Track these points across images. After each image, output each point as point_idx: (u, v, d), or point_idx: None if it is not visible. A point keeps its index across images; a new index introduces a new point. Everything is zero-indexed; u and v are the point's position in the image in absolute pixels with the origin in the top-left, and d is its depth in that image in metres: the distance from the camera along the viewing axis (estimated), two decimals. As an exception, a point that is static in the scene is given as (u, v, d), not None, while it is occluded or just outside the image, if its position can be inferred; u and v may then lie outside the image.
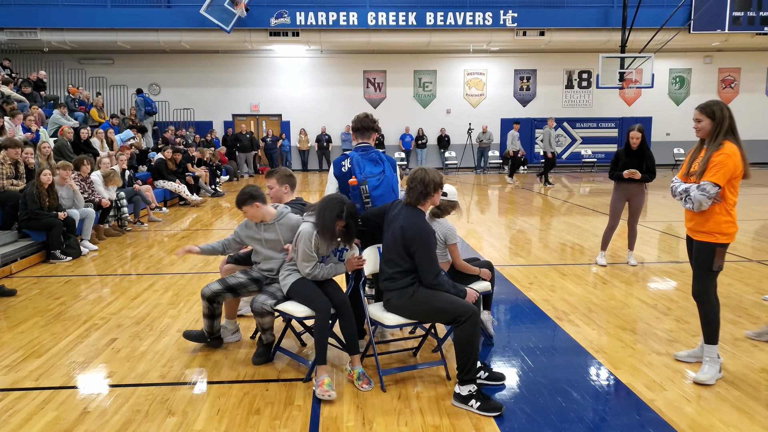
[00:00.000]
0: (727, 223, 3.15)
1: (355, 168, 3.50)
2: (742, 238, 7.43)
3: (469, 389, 2.94)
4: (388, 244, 3.19)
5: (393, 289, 3.14)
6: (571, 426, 2.78)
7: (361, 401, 3.04)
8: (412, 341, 3.85)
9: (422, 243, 3.06)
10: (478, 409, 2.90)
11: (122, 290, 5.26)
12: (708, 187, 3.07)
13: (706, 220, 3.17)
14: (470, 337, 2.94)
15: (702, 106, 3.20)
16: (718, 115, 3.14)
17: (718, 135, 3.14)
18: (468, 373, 2.94)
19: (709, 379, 3.21)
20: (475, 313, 2.98)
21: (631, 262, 6.04)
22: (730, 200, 3.16)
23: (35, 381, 3.32)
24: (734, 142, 3.12)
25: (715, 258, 3.16)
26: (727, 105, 3.19)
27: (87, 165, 7.73)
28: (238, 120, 19.41)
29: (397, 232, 3.10)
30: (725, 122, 3.12)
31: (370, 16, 16.64)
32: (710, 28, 17.26)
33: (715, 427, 2.77)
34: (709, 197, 3.08)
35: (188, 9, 15.97)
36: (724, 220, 3.14)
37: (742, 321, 4.27)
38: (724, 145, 3.10)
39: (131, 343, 3.91)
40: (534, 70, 19.99)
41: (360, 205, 3.52)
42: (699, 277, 3.25)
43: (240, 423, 2.82)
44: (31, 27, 15.99)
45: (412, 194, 3.12)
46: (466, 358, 2.94)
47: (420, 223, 3.11)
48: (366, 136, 3.67)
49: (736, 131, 3.15)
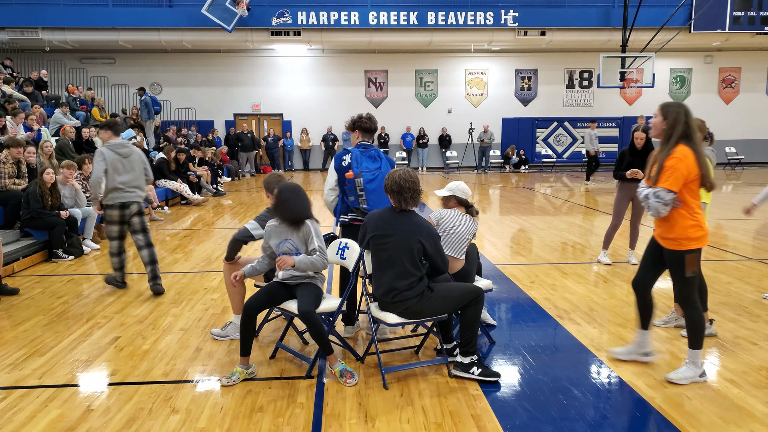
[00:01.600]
0: (694, 228, 3.05)
1: (353, 163, 3.70)
2: (743, 237, 7.44)
3: (471, 358, 3.24)
4: (395, 256, 3.13)
5: (411, 297, 3.13)
6: (572, 423, 2.79)
7: (363, 399, 3.06)
8: (414, 339, 3.87)
9: (435, 238, 3.23)
10: (479, 375, 3.20)
11: (124, 289, 5.28)
12: (662, 193, 2.98)
13: (671, 226, 3.09)
14: (477, 315, 3.24)
15: (663, 104, 3.15)
16: (672, 117, 3.04)
17: (670, 138, 3.05)
18: (472, 345, 3.24)
19: (680, 379, 3.19)
20: (483, 293, 3.28)
21: (632, 261, 6.05)
22: (692, 203, 3.06)
23: (39, 379, 3.34)
24: (689, 147, 3.01)
25: (686, 265, 3.07)
26: (687, 109, 3.09)
27: (89, 164, 7.74)
28: (239, 119, 19.44)
29: (413, 242, 3.11)
30: (678, 126, 3.02)
31: (371, 15, 16.65)
32: (711, 28, 17.26)
33: (715, 424, 2.78)
34: (665, 204, 2.99)
35: (190, 8, 15.99)
36: (689, 225, 3.05)
37: (742, 319, 4.28)
38: (676, 149, 3.00)
39: (134, 341, 3.93)
40: (535, 70, 19.99)
41: (354, 198, 3.71)
42: (677, 286, 3.21)
43: (243, 421, 2.84)
44: (32, 26, 16.02)
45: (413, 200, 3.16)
46: (472, 333, 3.24)
47: (426, 223, 3.25)
48: (370, 136, 3.89)
49: (692, 137, 3.03)
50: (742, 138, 20.20)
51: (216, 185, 13.20)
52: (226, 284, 4.04)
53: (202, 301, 4.85)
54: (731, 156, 19.68)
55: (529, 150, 19.97)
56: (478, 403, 3.00)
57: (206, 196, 12.39)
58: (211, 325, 4.25)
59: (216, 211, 10.62)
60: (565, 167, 20.14)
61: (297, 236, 3.38)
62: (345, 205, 3.82)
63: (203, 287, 5.30)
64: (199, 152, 13.36)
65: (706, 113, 20.21)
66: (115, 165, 4.99)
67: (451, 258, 3.62)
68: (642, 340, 3.46)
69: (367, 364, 3.49)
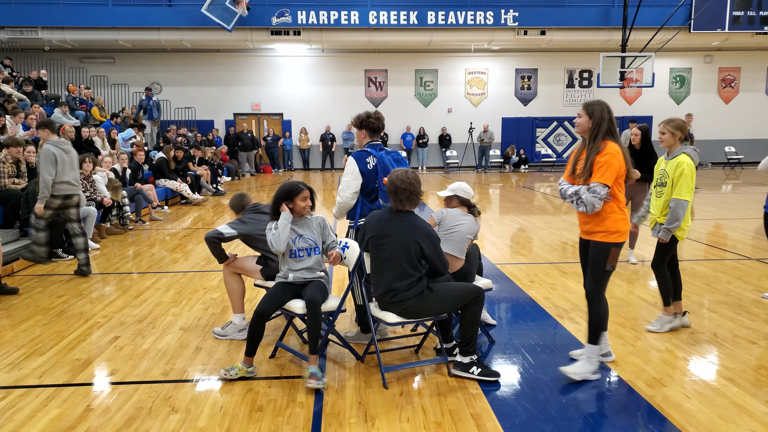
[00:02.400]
0: (623, 221, 3.17)
1: (389, 167, 3.56)
2: (742, 237, 7.45)
3: (471, 358, 3.24)
4: (394, 257, 3.13)
5: (410, 297, 3.14)
6: (572, 423, 2.80)
7: (363, 398, 3.06)
8: (414, 339, 3.87)
9: (434, 240, 3.21)
10: (479, 375, 3.19)
11: (124, 288, 5.28)
12: (598, 188, 3.06)
13: (602, 219, 3.16)
14: (477, 314, 3.22)
15: (585, 103, 3.22)
16: (597, 115, 3.12)
17: (596, 136, 3.12)
18: (472, 345, 3.24)
19: (575, 374, 3.21)
20: (483, 293, 3.26)
21: (631, 260, 6.06)
22: (620, 198, 3.18)
23: (38, 378, 3.34)
24: (615, 143, 3.11)
25: (609, 258, 3.16)
26: (608, 106, 3.19)
27: (89, 164, 7.74)
28: (239, 119, 19.43)
29: (410, 243, 3.12)
30: (603, 124, 3.11)
31: (371, 15, 16.65)
32: (710, 28, 17.27)
33: (715, 423, 2.78)
34: (601, 198, 3.08)
35: (189, 8, 15.99)
36: (620, 218, 3.16)
37: (741, 318, 4.28)
38: (606, 146, 3.09)
39: (134, 340, 3.93)
40: (535, 70, 20.00)
41: None
42: (593, 278, 3.25)
43: (243, 420, 2.84)
44: (32, 26, 16.01)
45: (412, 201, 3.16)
46: (472, 333, 3.23)
47: (425, 225, 3.24)
48: (378, 136, 3.79)
49: (615, 133, 3.14)
50: (741, 138, 20.20)
51: (216, 185, 13.20)
52: (226, 285, 4.05)
53: (201, 301, 4.86)
54: (731, 156, 19.68)
55: (529, 149, 19.98)
56: (478, 402, 3.00)
57: (206, 195, 12.39)
58: (211, 324, 4.25)
59: (216, 210, 10.62)
60: (562, 167, 20.14)
61: (310, 230, 3.41)
62: (367, 208, 3.68)
63: (203, 287, 5.31)
64: (198, 152, 13.36)
65: (705, 113, 20.31)
66: (64, 161, 5.55)
67: (452, 257, 3.62)
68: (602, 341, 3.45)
69: (366, 363, 3.49)
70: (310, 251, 3.40)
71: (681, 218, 3.84)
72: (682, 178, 3.80)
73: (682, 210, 3.82)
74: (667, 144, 3.96)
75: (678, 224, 3.86)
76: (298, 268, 3.40)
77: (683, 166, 3.81)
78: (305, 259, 3.41)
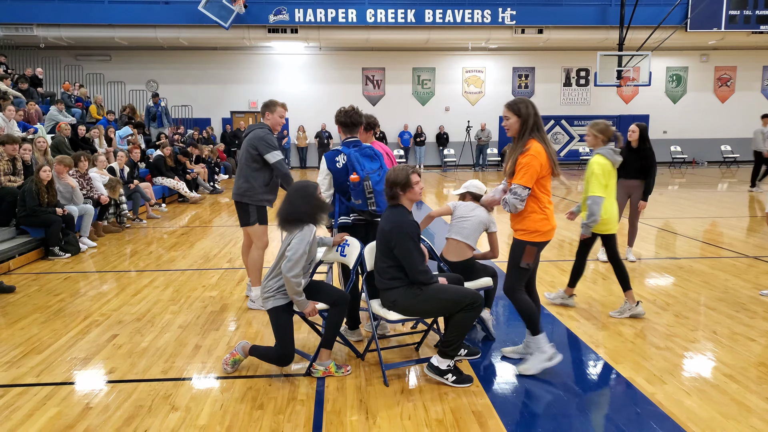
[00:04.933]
0: (543, 221, 3.21)
1: (355, 165, 3.48)
2: (739, 235, 7.47)
3: (448, 364, 3.13)
4: (380, 246, 3.21)
5: (396, 287, 3.13)
6: (572, 420, 2.80)
7: (364, 395, 3.06)
8: (414, 336, 3.87)
9: (401, 238, 3.06)
10: (453, 382, 3.11)
11: (122, 287, 5.25)
12: (518, 190, 3.11)
13: (522, 218, 3.23)
14: (469, 321, 3.10)
15: (509, 104, 3.25)
16: (524, 112, 3.16)
17: (524, 133, 3.17)
18: (453, 350, 3.12)
19: (529, 369, 3.26)
20: (481, 302, 3.12)
21: (629, 258, 6.07)
22: (542, 198, 3.20)
23: (36, 377, 3.31)
24: (540, 141, 3.15)
25: (524, 255, 3.21)
26: (531, 102, 3.24)
27: (85, 161, 7.70)
28: (236, 117, 19.37)
29: (379, 233, 3.19)
30: (530, 119, 3.16)
31: (368, 13, 16.61)
32: (707, 27, 17.31)
33: (715, 419, 2.79)
34: (522, 200, 3.13)
35: (186, 5, 15.91)
36: (539, 218, 3.20)
37: (739, 316, 4.30)
38: (530, 146, 3.12)
39: (132, 339, 3.91)
40: (532, 68, 20.01)
41: (362, 201, 3.54)
42: (509, 274, 3.31)
43: (243, 418, 2.83)
44: (27, 23, 15.89)
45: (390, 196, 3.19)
46: (458, 337, 3.10)
47: (398, 219, 3.13)
48: (353, 131, 3.66)
49: (542, 128, 3.18)
50: (737, 136, 20.27)
51: (213, 183, 13.15)
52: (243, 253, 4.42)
53: (200, 299, 4.84)
54: (727, 154, 19.76)
55: (526, 148, 19.97)
56: (479, 400, 3.00)
57: (203, 193, 12.35)
58: (210, 322, 4.24)
59: (213, 208, 10.59)
60: (561, 165, 20.14)
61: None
62: (344, 206, 3.66)
63: (201, 285, 5.28)
64: (195, 150, 13.31)
65: (702, 112, 20.39)
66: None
67: (464, 245, 3.78)
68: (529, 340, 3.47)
69: (367, 361, 3.48)
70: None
71: (597, 213, 4.09)
72: (593, 177, 4.08)
73: (596, 206, 4.08)
74: (590, 144, 4.30)
75: (595, 219, 4.11)
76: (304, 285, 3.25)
77: (593, 166, 4.11)
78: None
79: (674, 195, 12.10)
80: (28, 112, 10.06)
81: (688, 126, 20.34)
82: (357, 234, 3.63)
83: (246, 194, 4.37)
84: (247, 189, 4.37)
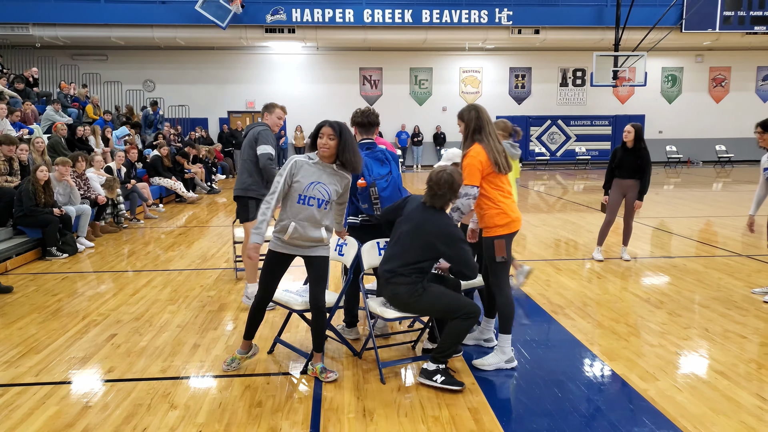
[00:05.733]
0: (499, 215, 3.30)
1: (364, 169, 3.43)
2: (732, 234, 7.54)
3: (437, 366, 3.15)
4: (406, 240, 3.14)
5: (404, 283, 3.13)
6: (566, 416, 2.84)
7: (361, 393, 3.09)
8: (411, 334, 3.90)
9: (460, 244, 3.11)
10: (441, 383, 3.09)
11: (120, 287, 5.27)
12: (464, 190, 3.23)
13: (482, 217, 3.37)
14: (464, 330, 3.13)
15: (459, 113, 3.43)
16: (466, 117, 3.34)
17: (467, 137, 3.34)
18: (446, 356, 3.16)
19: (486, 365, 3.36)
20: (479, 312, 3.15)
21: (624, 257, 6.12)
22: (493, 194, 3.30)
23: (35, 376, 3.33)
24: (480, 142, 3.28)
25: (496, 250, 3.30)
26: (477, 107, 3.36)
27: (82, 161, 7.71)
28: (233, 117, 19.36)
29: (423, 232, 3.11)
30: (471, 123, 3.31)
31: (366, 13, 16.64)
32: (702, 28, 17.42)
33: (706, 415, 2.84)
34: (472, 197, 3.24)
35: (183, 5, 15.90)
36: (494, 213, 3.30)
37: (732, 314, 4.35)
38: (470, 149, 3.29)
39: (131, 338, 3.93)
40: (529, 68, 20.08)
41: (368, 206, 3.54)
42: (491, 271, 3.41)
43: (242, 416, 2.86)
44: (23, 22, 15.85)
45: (439, 200, 3.13)
46: (452, 344, 3.14)
47: (451, 227, 3.15)
48: (370, 132, 3.64)
49: (484, 130, 3.30)
50: (731, 136, 20.41)
51: (210, 183, 13.15)
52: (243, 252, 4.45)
53: (198, 299, 4.86)
54: (721, 154, 19.88)
55: (522, 148, 20.01)
56: (475, 397, 3.04)
57: (200, 193, 12.35)
58: (208, 321, 4.26)
59: (210, 208, 10.60)
60: (558, 165, 20.26)
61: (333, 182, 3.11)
62: (353, 207, 3.66)
63: (199, 284, 5.31)
64: (193, 150, 13.31)
65: (696, 112, 20.51)
66: None
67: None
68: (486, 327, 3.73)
69: (364, 359, 3.52)
70: (322, 203, 3.08)
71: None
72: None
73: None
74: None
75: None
76: (301, 218, 3.08)
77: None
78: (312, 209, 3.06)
79: (669, 195, 12.19)
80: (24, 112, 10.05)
81: (683, 126, 20.47)
82: (365, 234, 3.61)
83: (250, 188, 4.45)
84: (251, 183, 4.44)
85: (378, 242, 3.55)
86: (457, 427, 2.73)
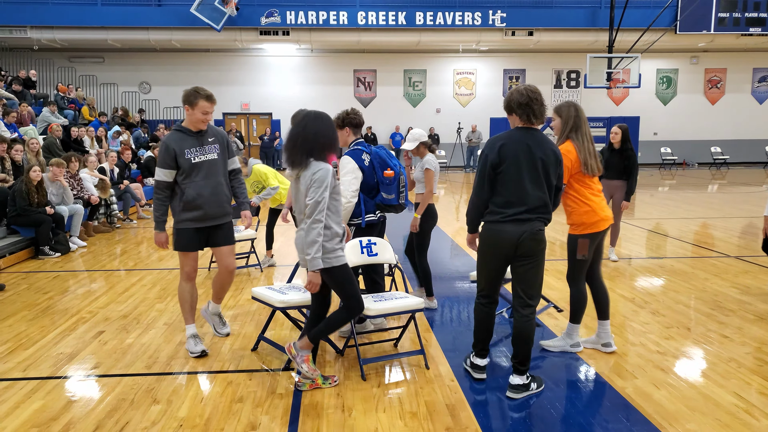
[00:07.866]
0: (588, 213, 3.38)
1: (387, 160, 3.70)
2: (723, 236, 7.60)
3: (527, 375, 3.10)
4: (536, 174, 2.97)
5: (546, 219, 3.06)
6: (544, 412, 2.89)
7: (341, 389, 3.13)
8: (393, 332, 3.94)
9: (561, 162, 3.15)
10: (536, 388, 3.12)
11: (110, 285, 5.31)
12: None
13: (569, 214, 3.47)
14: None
15: (555, 107, 3.51)
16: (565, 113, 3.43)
17: (563, 133, 3.45)
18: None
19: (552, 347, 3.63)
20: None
21: (612, 257, 6.17)
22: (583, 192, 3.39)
23: (23, 371, 3.38)
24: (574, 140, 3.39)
25: (578, 248, 3.41)
26: (577, 105, 3.45)
27: (75, 162, 7.75)
28: (228, 118, 19.41)
29: (539, 159, 2.97)
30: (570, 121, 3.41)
31: (360, 15, 16.71)
32: (696, 29, 17.50)
33: (681, 412, 2.88)
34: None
35: (179, 7, 15.96)
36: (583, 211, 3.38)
37: (715, 314, 4.40)
38: (561, 145, 3.42)
39: (118, 335, 3.97)
40: (523, 70, 20.16)
41: (395, 195, 3.73)
42: (569, 265, 3.53)
43: (223, 410, 2.90)
44: (20, 25, 15.89)
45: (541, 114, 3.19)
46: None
47: (553, 144, 3.17)
48: (360, 132, 3.82)
49: (580, 129, 3.39)
50: (727, 138, 20.49)
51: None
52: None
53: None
54: (717, 156, 19.96)
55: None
56: (453, 394, 3.08)
57: (195, 194, 12.36)
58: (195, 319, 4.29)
59: (204, 209, 10.62)
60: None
61: None
62: (372, 203, 3.72)
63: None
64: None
65: (692, 114, 20.58)
66: None
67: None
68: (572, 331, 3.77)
69: (346, 356, 3.56)
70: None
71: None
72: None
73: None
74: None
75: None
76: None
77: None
78: None
79: (663, 196, 12.25)
80: (20, 114, 10.09)
81: (678, 128, 20.54)
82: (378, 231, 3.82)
83: None
84: None
85: (360, 240, 3.60)
86: (433, 423, 2.78)
